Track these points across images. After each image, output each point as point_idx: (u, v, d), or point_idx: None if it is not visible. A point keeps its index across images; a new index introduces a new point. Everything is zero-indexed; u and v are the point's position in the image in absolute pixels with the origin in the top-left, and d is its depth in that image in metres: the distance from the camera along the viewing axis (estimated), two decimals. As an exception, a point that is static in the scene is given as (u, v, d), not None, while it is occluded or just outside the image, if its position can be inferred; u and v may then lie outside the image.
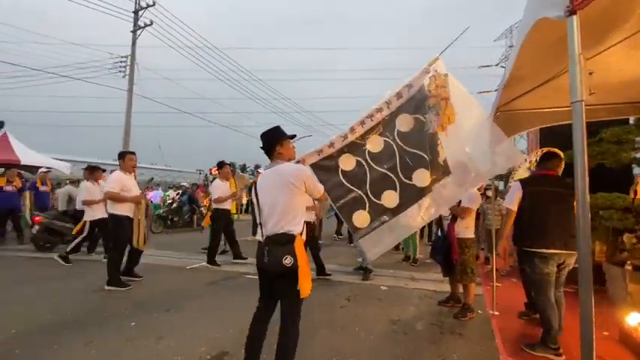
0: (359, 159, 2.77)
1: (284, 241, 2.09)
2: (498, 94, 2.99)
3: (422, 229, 8.09)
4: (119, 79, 15.49)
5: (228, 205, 6.10)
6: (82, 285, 4.52)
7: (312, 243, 5.15)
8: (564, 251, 2.68)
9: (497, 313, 3.65)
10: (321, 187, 2.31)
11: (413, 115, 2.81)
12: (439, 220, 3.92)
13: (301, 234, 2.16)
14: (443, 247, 3.70)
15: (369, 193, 2.77)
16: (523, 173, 7.03)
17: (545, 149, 7.55)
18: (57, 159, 12.33)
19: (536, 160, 7.53)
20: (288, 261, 2.03)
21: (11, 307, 3.63)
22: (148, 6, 14.88)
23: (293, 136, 2.38)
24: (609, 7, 1.36)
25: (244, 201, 13.28)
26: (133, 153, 4.84)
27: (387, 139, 2.80)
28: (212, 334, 3.06)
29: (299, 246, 2.09)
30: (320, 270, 5.17)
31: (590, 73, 1.00)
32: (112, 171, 4.89)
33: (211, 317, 3.47)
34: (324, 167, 2.73)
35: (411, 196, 2.78)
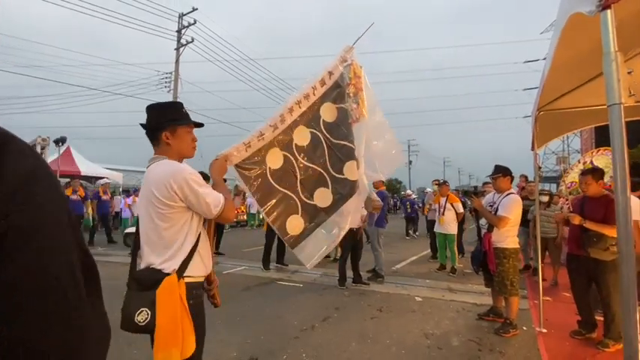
0: (286, 154, 2.38)
1: (146, 283, 1.38)
2: (538, 92, 2.78)
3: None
4: (164, 93, 16.76)
5: None
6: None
7: (355, 251, 5.08)
8: None
9: (544, 330, 3.34)
10: (215, 200, 1.46)
11: (336, 104, 2.58)
12: (477, 229, 3.71)
13: (179, 271, 1.41)
14: (480, 257, 3.50)
15: (299, 192, 2.39)
16: (575, 177, 6.47)
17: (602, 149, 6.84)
18: (110, 169, 13.52)
19: (590, 161, 6.92)
20: (141, 317, 1.33)
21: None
22: (190, 25, 15.92)
23: (199, 124, 1.60)
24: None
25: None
26: None
27: (313, 130, 2.50)
28: (243, 340, 3.13)
29: (167, 293, 1.35)
30: (356, 278, 5.11)
31: (629, 72, 0.88)
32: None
33: (244, 323, 3.56)
34: (250, 169, 2.24)
35: (345, 191, 2.49)
